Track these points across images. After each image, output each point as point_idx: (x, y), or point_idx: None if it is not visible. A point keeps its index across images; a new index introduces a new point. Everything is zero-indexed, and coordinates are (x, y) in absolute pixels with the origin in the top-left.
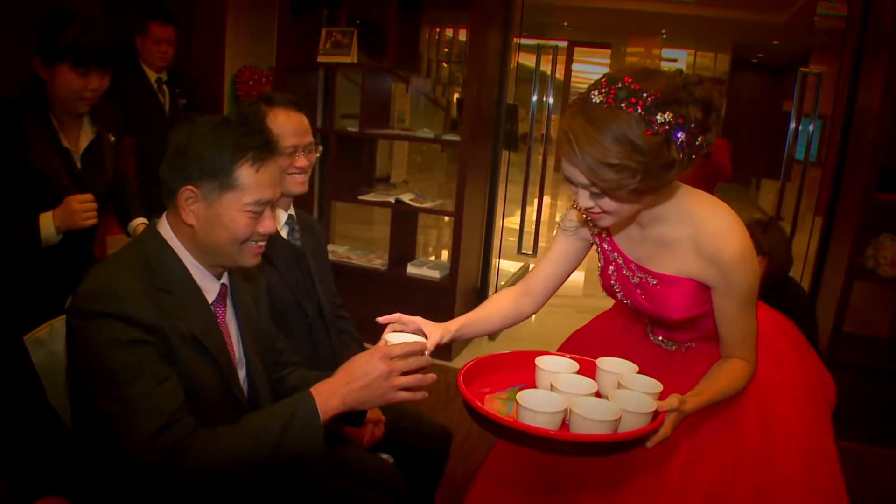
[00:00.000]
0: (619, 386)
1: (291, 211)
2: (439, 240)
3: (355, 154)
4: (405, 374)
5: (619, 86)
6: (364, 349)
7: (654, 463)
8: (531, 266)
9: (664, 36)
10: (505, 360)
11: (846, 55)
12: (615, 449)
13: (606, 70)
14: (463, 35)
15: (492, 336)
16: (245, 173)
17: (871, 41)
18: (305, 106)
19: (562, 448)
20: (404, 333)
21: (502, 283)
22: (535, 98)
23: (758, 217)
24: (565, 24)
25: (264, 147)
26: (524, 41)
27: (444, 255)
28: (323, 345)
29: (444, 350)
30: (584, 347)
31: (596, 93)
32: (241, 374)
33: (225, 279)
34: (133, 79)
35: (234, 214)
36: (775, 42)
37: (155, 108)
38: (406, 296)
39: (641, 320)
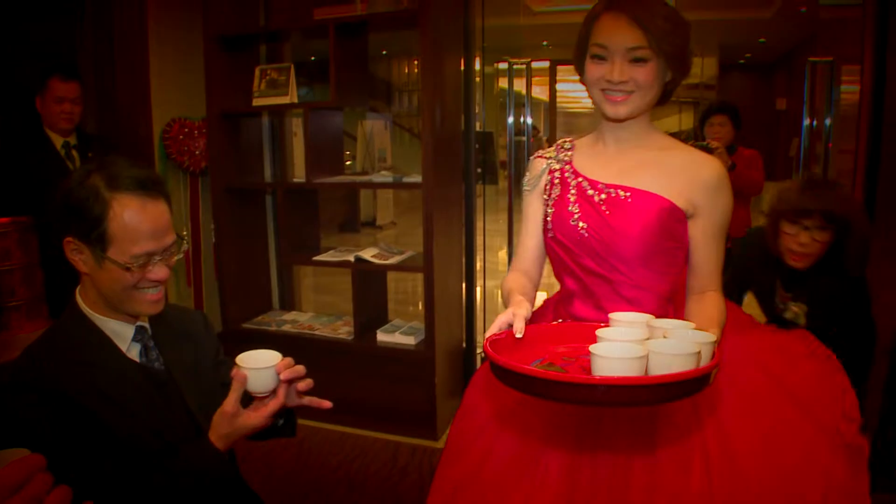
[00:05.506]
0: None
1: (143, 320)
2: (416, 293)
3: (307, 206)
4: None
5: None
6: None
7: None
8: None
9: None
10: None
11: (867, 38)
12: (698, 385)
13: None
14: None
15: None
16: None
17: None
18: (253, 157)
19: (655, 394)
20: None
21: None
22: (510, 120)
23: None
24: (545, 43)
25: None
26: (500, 65)
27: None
28: None
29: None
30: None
31: None
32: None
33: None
34: (34, 146)
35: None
36: (762, 40)
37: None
38: (377, 368)
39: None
